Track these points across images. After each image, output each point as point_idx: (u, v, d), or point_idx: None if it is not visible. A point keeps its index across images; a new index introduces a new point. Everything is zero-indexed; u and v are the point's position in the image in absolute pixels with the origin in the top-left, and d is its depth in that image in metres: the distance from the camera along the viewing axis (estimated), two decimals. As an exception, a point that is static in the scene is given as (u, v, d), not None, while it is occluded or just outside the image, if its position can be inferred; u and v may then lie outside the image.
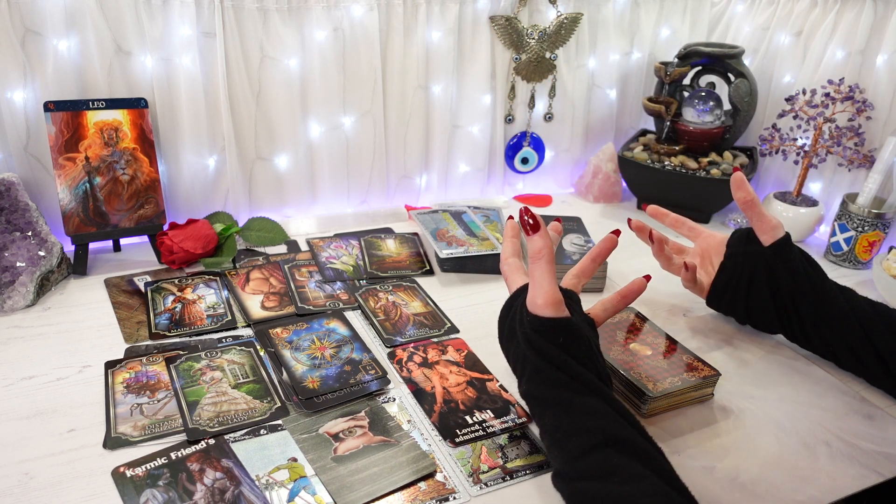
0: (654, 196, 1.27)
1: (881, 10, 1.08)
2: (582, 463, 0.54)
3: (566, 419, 0.57)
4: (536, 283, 0.63)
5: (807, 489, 0.63)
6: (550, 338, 0.61)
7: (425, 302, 0.93)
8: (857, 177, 1.15)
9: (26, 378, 0.74)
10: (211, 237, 1.00)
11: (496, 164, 1.30)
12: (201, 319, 0.86)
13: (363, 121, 1.14)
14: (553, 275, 0.63)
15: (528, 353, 0.62)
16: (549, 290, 0.63)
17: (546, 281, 0.63)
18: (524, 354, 0.62)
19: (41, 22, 0.89)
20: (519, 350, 0.64)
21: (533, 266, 0.64)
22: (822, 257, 1.13)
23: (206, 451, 0.65)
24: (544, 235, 0.65)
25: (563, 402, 0.58)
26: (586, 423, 0.56)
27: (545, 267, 0.63)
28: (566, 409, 0.58)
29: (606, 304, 0.73)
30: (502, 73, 1.22)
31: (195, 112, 1.01)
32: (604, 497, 0.51)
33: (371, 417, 0.71)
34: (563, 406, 0.58)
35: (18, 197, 0.91)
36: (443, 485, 0.62)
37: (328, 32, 1.05)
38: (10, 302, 0.86)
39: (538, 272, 0.63)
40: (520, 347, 0.63)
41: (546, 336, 0.61)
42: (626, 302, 0.73)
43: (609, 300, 0.73)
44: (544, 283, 0.63)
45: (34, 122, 0.94)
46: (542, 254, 0.64)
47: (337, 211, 1.21)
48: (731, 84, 1.23)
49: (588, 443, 0.55)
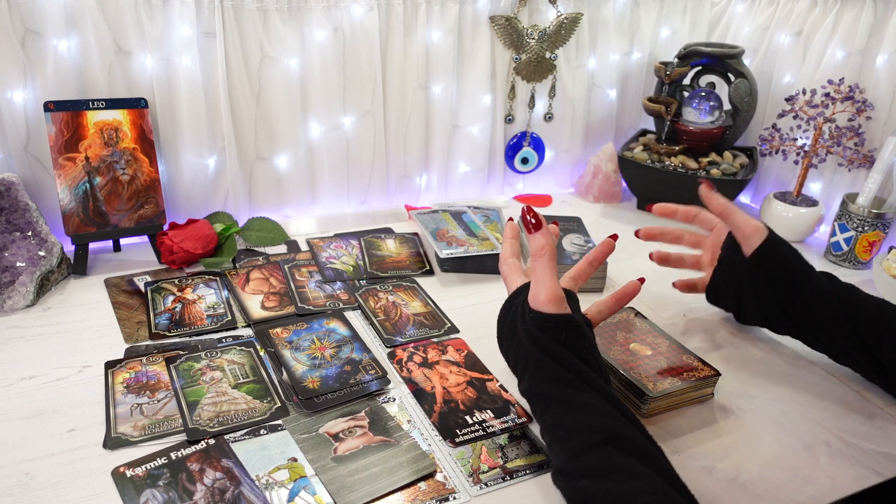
0: (654, 196, 1.26)
1: (881, 10, 1.08)
2: (583, 460, 0.55)
3: (568, 416, 0.57)
4: (539, 279, 0.64)
5: (807, 489, 0.63)
6: (553, 334, 0.61)
7: (425, 302, 0.93)
8: (857, 177, 1.15)
9: (26, 378, 0.74)
10: (211, 237, 1.00)
11: (496, 164, 1.30)
12: (201, 319, 0.86)
13: (363, 121, 1.14)
14: (555, 272, 0.64)
15: (530, 349, 0.62)
16: (551, 287, 0.63)
17: (548, 277, 0.63)
18: (526, 351, 0.63)
19: (41, 22, 0.89)
20: (521, 347, 0.64)
21: (535, 263, 0.64)
22: (822, 257, 1.13)
23: (206, 451, 0.65)
24: (546, 234, 0.65)
25: (566, 399, 0.58)
26: (588, 421, 0.56)
27: (547, 264, 0.64)
28: (568, 406, 0.58)
29: (601, 306, 0.73)
30: (502, 73, 1.22)
31: (195, 112, 1.01)
32: (604, 495, 0.52)
33: (371, 417, 0.71)
34: (565, 403, 0.58)
35: (18, 197, 0.91)
36: (443, 485, 0.62)
37: (328, 32, 1.05)
38: (10, 302, 0.86)
39: (540, 269, 0.64)
40: (521, 345, 0.63)
41: (549, 332, 0.61)
42: (620, 304, 0.73)
43: (604, 302, 0.73)
44: (546, 279, 0.63)
45: (34, 122, 0.94)
46: (544, 251, 0.64)
47: (337, 211, 1.21)
48: (731, 84, 1.23)
49: (589, 440, 0.55)
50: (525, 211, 0.67)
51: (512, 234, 0.75)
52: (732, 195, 1.20)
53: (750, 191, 1.37)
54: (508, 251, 0.73)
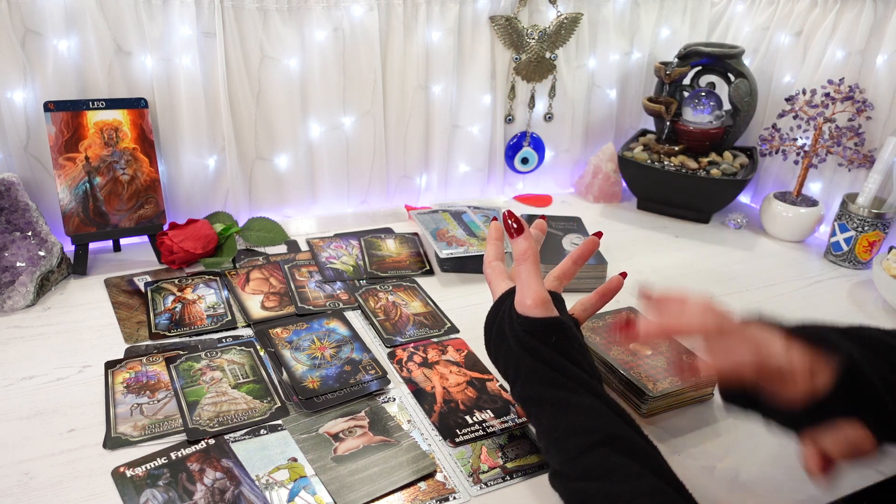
0: (654, 196, 1.27)
1: (881, 10, 1.08)
2: (580, 462, 0.54)
3: (563, 419, 0.57)
4: (524, 283, 0.63)
5: (807, 489, 0.63)
6: (542, 338, 0.61)
7: (425, 302, 0.93)
8: (857, 177, 1.15)
9: (26, 378, 0.74)
10: (211, 237, 1.00)
11: (496, 164, 1.30)
12: (201, 319, 0.86)
13: (363, 121, 1.14)
14: (539, 275, 0.64)
15: (520, 354, 0.62)
16: (536, 290, 0.63)
17: (533, 281, 0.63)
18: (517, 357, 0.62)
19: (41, 22, 0.89)
20: (511, 353, 0.63)
21: (519, 268, 0.64)
22: (823, 257, 1.13)
23: (206, 451, 0.65)
24: (528, 237, 0.65)
25: (560, 402, 0.58)
26: (584, 423, 0.56)
27: (531, 268, 0.64)
28: (563, 408, 0.58)
29: (585, 304, 0.72)
30: (502, 73, 1.22)
31: (195, 112, 1.01)
32: (602, 496, 0.51)
33: (371, 417, 0.71)
34: (559, 406, 0.58)
35: (18, 197, 0.91)
36: (443, 485, 0.62)
37: (328, 32, 1.05)
38: (10, 302, 0.86)
39: (524, 273, 0.64)
40: (511, 350, 0.63)
41: (538, 336, 0.61)
42: (604, 301, 0.72)
43: (588, 300, 0.72)
44: (531, 283, 0.63)
45: (34, 122, 0.94)
46: (528, 255, 0.64)
47: (337, 211, 1.21)
48: (731, 84, 1.23)
49: (586, 442, 0.55)
50: (506, 216, 0.67)
51: (496, 234, 0.73)
52: (732, 195, 1.20)
53: (750, 191, 1.37)
54: (493, 254, 0.72)
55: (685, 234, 1.19)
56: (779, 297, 0.99)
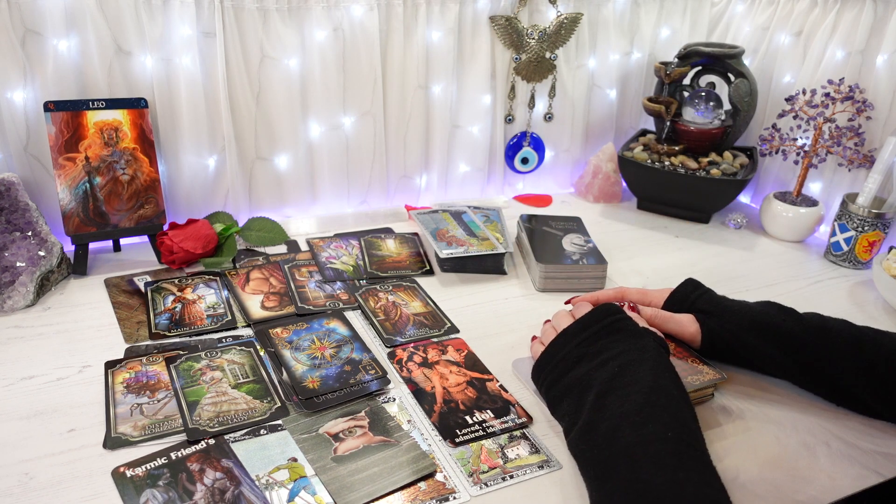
0: (654, 196, 1.27)
1: (881, 10, 1.08)
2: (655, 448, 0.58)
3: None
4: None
5: (807, 489, 0.63)
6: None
7: (425, 302, 0.93)
8: (857, 177, 1.15)
9: (26, 378, 0.74)
10: (211, 237, 1.00)
11: (496, 164, 1.30)
12: (201, 319, 0.86)
13: (363, 121, 1.14)
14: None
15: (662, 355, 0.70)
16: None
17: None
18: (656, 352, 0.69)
19: (41, 22, 0.89)
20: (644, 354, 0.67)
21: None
22: (823, 257, 1.13)
23: (206, 451, 0.65)
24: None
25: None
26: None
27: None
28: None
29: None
30: (502, 73, 1.22)
31: (195, 112, 1.01)
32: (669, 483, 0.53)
33: (371, 417, 0.71)
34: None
35: (18, 197, 0.91)
36: (443, 485, 0.62)
37: (328, 32, 1.05)
38: (10, 302, 0.86)
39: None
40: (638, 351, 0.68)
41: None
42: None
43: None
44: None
45: (34, 122, 0.94)
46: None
47: (337, 211, 1.21)
48: (731, 84, 1.23)
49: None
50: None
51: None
52: (732, 195, 1.20)
53: (750, 191, 1.37)
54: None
55: (685, 234, 1.19)
56: (779, 297, 0.98)
